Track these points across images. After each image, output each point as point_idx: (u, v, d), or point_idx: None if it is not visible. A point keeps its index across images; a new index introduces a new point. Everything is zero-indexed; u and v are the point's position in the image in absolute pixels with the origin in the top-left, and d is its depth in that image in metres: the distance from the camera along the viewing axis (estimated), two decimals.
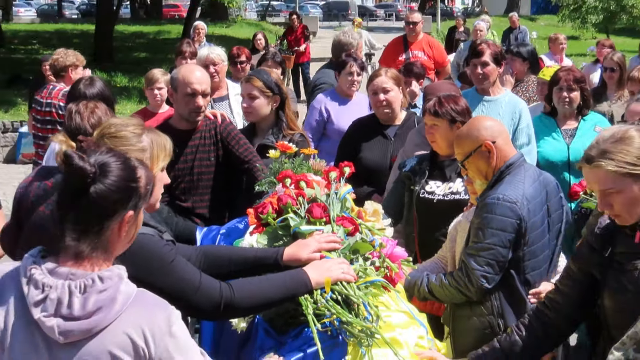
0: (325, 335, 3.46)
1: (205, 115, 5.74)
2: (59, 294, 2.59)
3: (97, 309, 2.60)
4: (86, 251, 2.68)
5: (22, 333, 2.66)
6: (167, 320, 2.74)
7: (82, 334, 2.61)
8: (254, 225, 4.02)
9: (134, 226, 2.85)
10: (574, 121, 6.84)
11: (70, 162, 2.61)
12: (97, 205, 2.67)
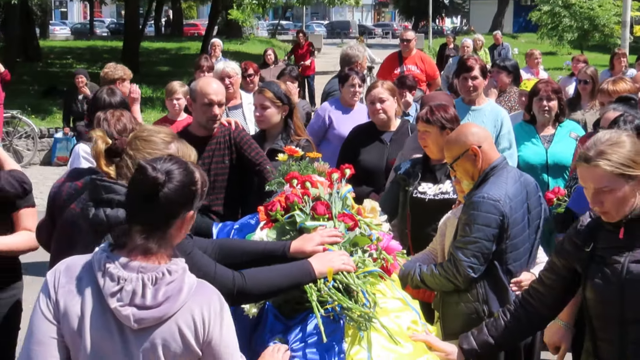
0: (328, 320, 3.47)
1: (220, 122, 5.75)
2: (134, 285, 2.68)
3: (166, 298, 2.70)
4: (154, 248, 2.76)
5: (98, 320, 2.72)
6: (220, 305, 2.84)
7: (154, 320, 2.70)
8: (264, 221, 4.02)
9: (190, 223, 2.92)
10: (551, 128, 6.86)
11: (144, 172, 2.73)
12: (165, 207, 2.77)
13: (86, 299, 2.75)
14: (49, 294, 2.80)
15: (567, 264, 3.46)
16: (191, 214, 2.88)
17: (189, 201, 2.85)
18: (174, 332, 2.76)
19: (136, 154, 3.53)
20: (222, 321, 2.86)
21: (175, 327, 2.76)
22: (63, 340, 2.77)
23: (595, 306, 3.25)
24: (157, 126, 3.95)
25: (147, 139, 3.60)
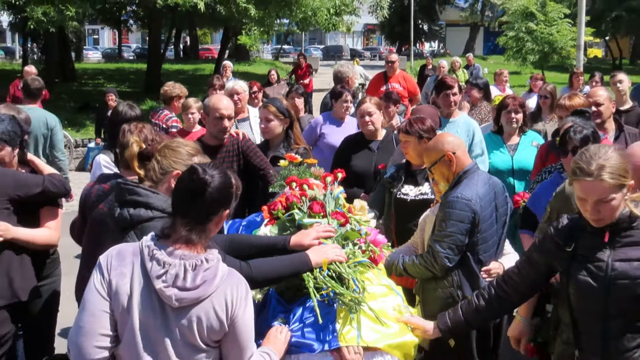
0: (323, 304, 3.47)
1: (230, 133, 5.76)
2: (177, 270, 2.81)
3: (203, 282, 2.84)
4: (195, 239, 2.90)
5: (144, 299, 2.84)
6: (246, 290, 2.99)
7: (192, 300, 2.83)
8: (267, 218, 4.03)
9: (224, 220, 3.09)
10: (516, 137, 6.91)
11: (196, 173, 2.90)
12: (208, 205, 2.92)
13: (135, 280, 2.86)
14: (102, 274, 2.91)
15: (547, 261, 3.41)
16: (227, 212, 3.03)
17: (227, 201, 3.00)
18: (208, 311, 2.87)
19: (163, 160, 3.60)
20: (246, 304, 2.98)
21: (210, 306, 2.87)
22: (113, 315, 2.87)
23: (579, 301, 3.18)
24: (186, 140, 4.00)
25: (175, 149, 3.66)
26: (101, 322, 2.86)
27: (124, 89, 22.41)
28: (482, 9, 57.57)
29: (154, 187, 3.57)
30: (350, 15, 28.46)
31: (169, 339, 2.88)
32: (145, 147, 3.77)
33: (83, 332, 2.85)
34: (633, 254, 3.18)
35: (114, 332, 2.90)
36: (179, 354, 2.89)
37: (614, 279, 3.12)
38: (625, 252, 3.18)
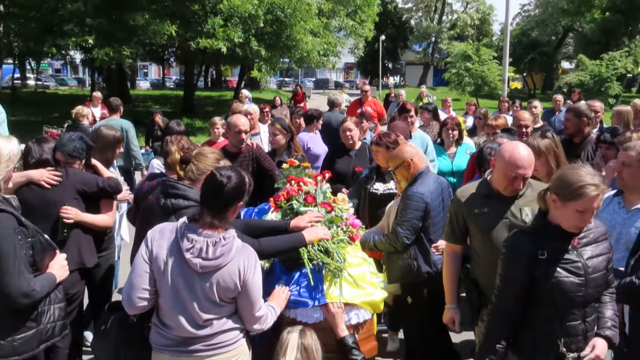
0: (314, 271, 3.47)
1: (246, 143, 5.79)
2: (201, 245, 2.89)
3: (221, 254, 2.90)
4: (217, 223, 2.95)
5: (176, 265, 2.93)
6: (255, 260, 3.04)
7: (213, 268, 2.90)
8: (273, 207, 4.05)
9: (239, 209, 3.15)
10: (454, 147, 6.96)
11: (214, 177, 2.98)
12: (226, 198, 2.97)
13: (170, 250, 2.95)
14: (147, 245, 3.01)
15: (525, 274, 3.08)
16: (241, 203, 3.08)
17: (240, 196, 3.04)
18: (225, 276, 2.92)
19: (198, 164, 3.68)
20: (255, 271, 3.01)
21: (227, 272, 2.92)
22: (153, 276, 2.96)
23: (565, 298, 3.00)
24: (213, 148, 4.10)
25: (206, 155, 3.75)
26: (144, 280, 2.96)
27: (166, 110, 22.25)
28: (432, 52, 57.56)
29: (191, 184, 3.63)
30: (334, 56, 28.44)
31: (194, 296, 2.93)
32: (184, 154, 3.80)
33: (131, 286, 2.96)
34: (595, 250, 3.10)
35: (153, 288, 2.98)
36: (202, 307, 2.93)
37: (591, 273, 3.03)
38: (587, 250, 3.08)
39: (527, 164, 3.42)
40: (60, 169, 4.20)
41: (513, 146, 3.48)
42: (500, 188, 3.51)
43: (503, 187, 3.50)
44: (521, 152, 3.41)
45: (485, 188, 3.62)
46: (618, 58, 32.61)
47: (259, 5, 18.16)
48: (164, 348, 3.00)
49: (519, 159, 3.37)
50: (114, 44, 17.49)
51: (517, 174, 3.38)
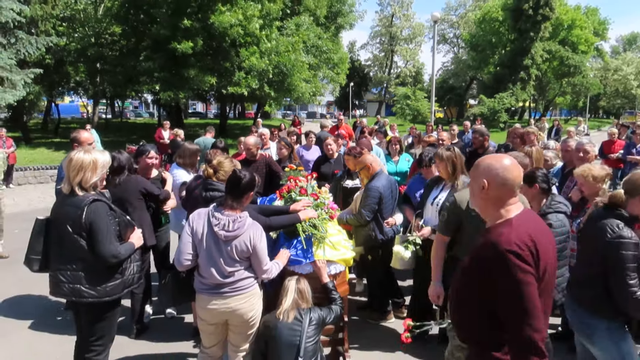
0: (306, 238, 3.46)
1: (261, 154, 5.76)
2: (224, 222, 2.90)
3: (238, 228, 2.90)
4: (236, 206, 2.97)
5: (209, 236, 2.93)
6: (261, 232, 3.00)
7: (232, 237, 2.89)
8: (278, 197, 4.03)
9: (251, 198, 3.12)
10: (397, 156, 6.89)
11: (235, 174, 3.00)
12: (242, 190, 2.97)
13: (205, 225, 2.95)
14: (189, 224, 3.00)
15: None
16: (252, 194, 3.06)
17: (252, 188, 3.03)
18: (241, 242, 2.90)
19: (221, 170, 3.65)
20: (261, 239, 2.97)
21: (242, 240, 2.90)
22: (193, 243, 2.97)
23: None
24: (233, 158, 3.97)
25: (224, 162, 3.72)
26: (187, 247, 2.94)
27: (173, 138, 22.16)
28: (384, 93, 57.62)
29: (222, 182, 3.57)
30: (320, 96, 28.43)
31: (221, 255, 2.91)
32: (213, 168, 3.71)
33: (179, 251, 2.97)
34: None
35: (194, 252, 2.95)
36: (226, 263, 2.92)
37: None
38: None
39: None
40: (130, 175, 4.19)
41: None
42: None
43: None
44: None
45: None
46: (505, 97, 32.99)
47: (269, 63, 18.21)
48: (203, 291, 3.00)
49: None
50: (174, 89, 17.49)
51: None
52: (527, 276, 1.79)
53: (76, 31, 19.43)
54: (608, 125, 33.10)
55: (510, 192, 1.97)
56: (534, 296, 1.79)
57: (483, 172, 2.00)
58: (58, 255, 2.94)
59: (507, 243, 1.81)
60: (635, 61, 51.34)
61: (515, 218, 1.94)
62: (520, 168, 2.04)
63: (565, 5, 40.89)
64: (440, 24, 51.61)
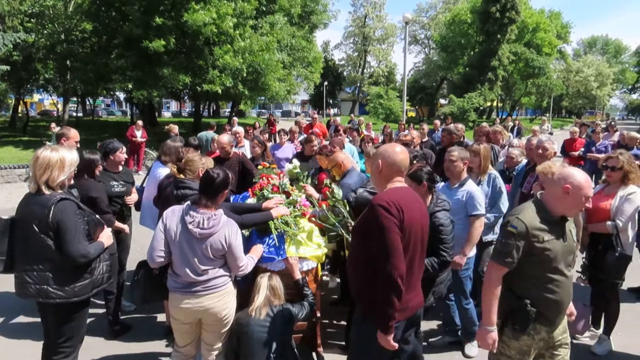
0: (279, 235, 3.44)
1: (234, 152, 5.68)
2: (199, 219, 2.84)
3: (213, 225, 2.84)
4: (209, 205, 2.90)
5: (182, 233, 2.86)
6: (236, 229, 2.94)
7: (207, 235, 2.83)
8: (251, 194, 3.98)
9: (225, 196, 3.04)
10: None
11: (209, 173, 2.93)
12: (216, 189, 2.91)
13: (178, 223, 2.88)
14: (163, 221, 2.91)
15: None
16: (226, 192, 2.99)
17: (226, 186, 2.97)
18: (216, 240, 2.85)
19: (191, 167, 3.64)
20: (237, 236, 2.93)
21: (217, 238, 2.85)
22: (166, 240, 2.90)
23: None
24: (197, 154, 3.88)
25: (192, 159, 3.69)
26: (160, 244, 2.87)
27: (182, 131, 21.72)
28: (358, 93, 57.88)
29: (193, 179, 3.57)
30: (294, 94, 28.37)
31: (195, 254, 2.85)
32: (179, 166, 3.70)
33: (152, 248, 2.88)
34: None
35: (167, 249, 2.89)
36: (200, 261, 2.87)
37: None
38: None
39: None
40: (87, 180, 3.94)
41: (577, 172, 2.45)
42: (567, 212, 2.47)
43: (573, 210, 2.48)
44: (585, 177, 2.45)
45: (546, 214, 2.45)
46: (474, 97, 33.58)
47: (243, 62, 18.06)
48: (176, 290, 2.94)
49: (588, 183, 2.42)
50: (147, 87, 17.17)
51: (587, 196, 2.41)
52: (390, 224, 2.27)
53: (45, 27, 18.81)
54: (570, 125, 34.19)
55: (398, 172, 2.49)
56: (395, 240, 2.26)
57: (379, 155, 2.53)
58: (24, 255, 2.84)
59: (380, 200, 2.35)
60: (595, 63, 53.16)
61: (394, 188, 2.45)
62: (407, 153, 2.54)
63: (530, 9, 41.94)
64: (412, 25, 52.21)
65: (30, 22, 18.62)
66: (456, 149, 4.02)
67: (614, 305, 4.01)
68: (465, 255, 3.80)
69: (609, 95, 57.71)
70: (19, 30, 15.70)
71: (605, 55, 67.22)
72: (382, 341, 2.36)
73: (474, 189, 3.92)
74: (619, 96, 77.31)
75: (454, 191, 3.95)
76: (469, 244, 3.82)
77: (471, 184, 3.97)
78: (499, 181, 4.41)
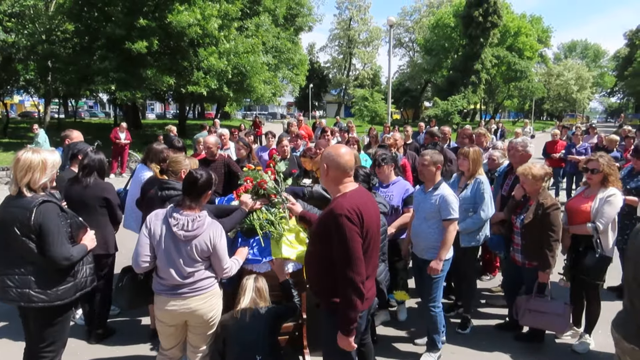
0: (265, 237, 3.44)
1: (220, 154, 5.65)
2: (183, 221, 2.82)
3: (197, 227, 2.82)
4: (194, 206, 2.88)
5: (167, 236, 2.84)
6: (221, 231, 2.92)
7: (192, 237, 2.82)
8: (235, 196, 3.95)
9: (209, 197, 3.02)
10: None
11: (192, 174, 2.91)
12: (199, 189, 2.90)
13: (163, 226, 2.85)
14: (147, 225, 2.90)
15: None
16: (209, 193, 2.97)
17: (209, 187, 2.95)
18: (201, 242, 2.83)
19: (174, 167, 3.66)
20: (221, 238, 2.90)
21: (202, 239, 2.83)
22: (151, 244, 2.86)
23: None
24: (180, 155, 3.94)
25: (175, 160, 3.70)
26: (145, 248, 2.84)
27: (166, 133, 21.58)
28: (343, 95, 58.01)
29: (177, 180, 3.57)
30: (280, 96, 28.33)
31: (180, 256, 2.83)
32: (161, 168, 3.77)
33: (137, 253, 2.84)
34: None
35: (152, 253, 2.86)
36: (185, 263, 2.85)
37: None
38: None
39: None
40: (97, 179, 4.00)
41: None
42: None
43: None
44: None
45: None
46: (458, 100, 33.94)
47: (228, 64, 17.98)
48: (162, 292, 2.92)
49: None
50: (130, 89, 16.97)
51: None
52: (353, 234, 2.35)
53: (25, 27, 18.47)
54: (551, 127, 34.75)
55: (344, 173, 2.55)
56: (357, 248, 2.37)
57: (324, 158, 2.60)
58: (4, 259, 2.79)
59: (341, 209, 2.38)
60: (575, 67, 54.18)
61: (350, 192, 2.52)
62: (352, 154, 2.60)
63: (512, 14, 42.60)
64: (396, 29, 52.60)
65: (10, 22, 18.29)
66: (429, 153, 3.87)
67: (595, 305, 4.07)
68: (441, 260, 3.66)
69: (589, 99, 58.80)
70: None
71: (584, 59, 68.62)
72: (343, 342, 2.48)
73: (447, 192, 3.73)
74: (598, 99, 79.02)
75: (428, 195, 3.80)
76: (444, 248, 3.66)
77: (444, 188, 3.78)
78: (484, 186, 4.24)
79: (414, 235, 3.93)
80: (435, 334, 3.85)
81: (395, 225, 4.27)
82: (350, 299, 2.37)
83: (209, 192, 2.98)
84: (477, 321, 4.63)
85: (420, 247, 3.85)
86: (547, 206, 3.77)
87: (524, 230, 3.92)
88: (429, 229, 3.74)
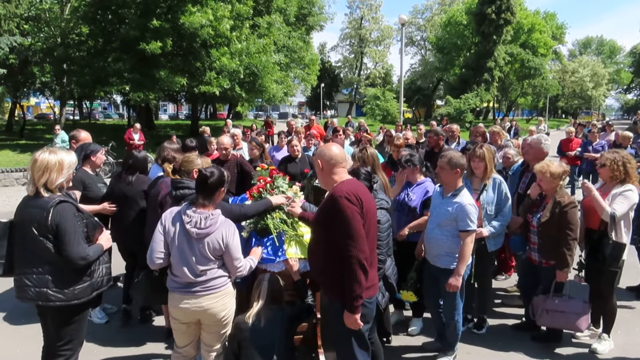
0: (278, 236, 3.44)
1: (233, 154, 5.68)
2: (196, 219, 2.84)
3: (210, 225, 2.84)
4: (207, 204, 2.90)
5: (181, 233, 2.87)
6: (234, 229, 2.93)
7: (204, 235, 2.84)
8: (249, 196, 3.96)
9: (222, 195, 3.02)
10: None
11: (202, 173, 2.94)
12: (211, 188, 2.91)
13: (177, 223, 2.89)
14: (162, 222, 2.94)
15: None
16: (223, 190, 2.98)
17: (222, 184, 2.96)
18: (213, 240, 2.84)
19: (186, 166, 3.68)
20: (234, 236, 2.91)
21: (214, 237, 2.84)
22: (166, 241, 2.90)
23: None
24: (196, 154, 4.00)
25: (188, 159, 3.73)
26: (160, 245, 2.88)
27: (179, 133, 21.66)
28: (355, 94, 57.91)
29: (191, 179, 3.56)
30: (291, 96, 28.39)
31: (193, 254, 2.85)
32: (174, 167, 3.81)
33: (152, 250, 2.89)
34: None
35: (167, 250, 2.90)
36: (198, 261, 2.86)
37: None
38: None
39: None
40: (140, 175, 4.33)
41: None
42: None
43: None
44: None
45: None
46: (470, 98, 33.65)
47: (240, 64, 18.06)
48: (175, 289, 2.94)
49: None
50: (144, 90, 17.15)
51: None
52: (354, 213, 2.51)
53: (42, 31, 18.78)
54: (566, 125, 34.28)
55: (336, 164, 2.74)
56: (359, 227, 2.51)
57: (316, 156, 2.83)
58: (23, 258, 2.83)
59: (340, 192, 2.57)
60: (590, 64, 53.35)
61: (346, 181, 2.72)
62: (342, 149, 2.80)
63: (526, 10, 42.08)
64: (408, 27, 52.30)
65: (26, 25, 18.59)
66: (448, 155, 3.62)
67: (611, 303, 4.00)
68: (459, 276, 3.46)
69: (605, 96, 57.93)
70: (15, 34, 15.66)
71: (600, 55, 67.51)
72: (349, 321, 2.59)
73: (466, 202, 3.47)
74: (614, 96, 77.71)
75: (445, 201, 3.58)
76: (462, 262, 3.46)
77: (464, 196, 3.52)
78: (505, 187, 4.16)
79: (426, 239, 3.75)
80: (454, 341, 3.76)
81: (410, 226, 4.14)
82: (355, 274, 2.48)
83: (222, 190, 2.98)
84: (493, 321, 4.56)
85: (432, 254, 3.70)
86: (565, 204, 3.72)
87: (540, 229, 3.86)
88: (441, 236, 3.56)
